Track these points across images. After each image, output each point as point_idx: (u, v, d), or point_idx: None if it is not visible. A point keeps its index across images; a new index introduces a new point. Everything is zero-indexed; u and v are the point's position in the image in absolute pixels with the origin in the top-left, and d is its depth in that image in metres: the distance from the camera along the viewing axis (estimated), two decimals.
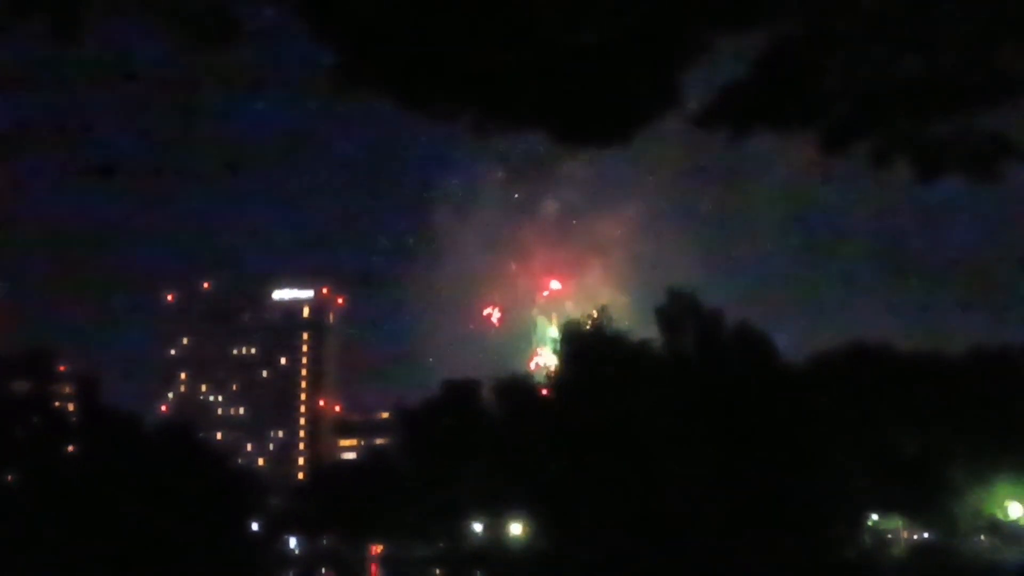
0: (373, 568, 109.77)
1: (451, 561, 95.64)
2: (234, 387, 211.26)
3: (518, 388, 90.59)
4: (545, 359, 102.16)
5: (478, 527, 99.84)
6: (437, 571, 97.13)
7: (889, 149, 10.87)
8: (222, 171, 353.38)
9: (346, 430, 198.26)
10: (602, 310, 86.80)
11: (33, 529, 75.23)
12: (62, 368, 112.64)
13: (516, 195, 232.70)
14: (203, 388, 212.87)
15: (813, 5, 10.25)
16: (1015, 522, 77.42)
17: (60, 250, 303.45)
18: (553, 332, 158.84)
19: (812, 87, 10.60)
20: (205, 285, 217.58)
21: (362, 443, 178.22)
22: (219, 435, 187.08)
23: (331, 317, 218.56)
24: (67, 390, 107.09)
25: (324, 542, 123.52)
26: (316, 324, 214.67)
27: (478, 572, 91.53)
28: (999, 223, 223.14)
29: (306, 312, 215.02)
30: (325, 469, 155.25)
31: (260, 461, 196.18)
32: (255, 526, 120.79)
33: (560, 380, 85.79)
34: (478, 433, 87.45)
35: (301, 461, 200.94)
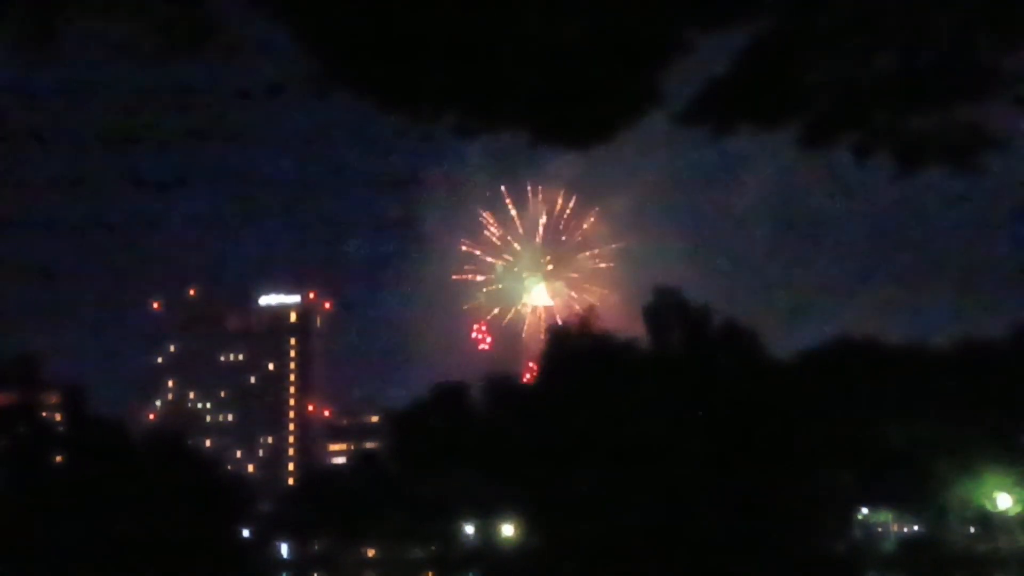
0: None
1: (444, 563, 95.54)
2: (222, 393, 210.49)
3: (507, 389, 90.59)
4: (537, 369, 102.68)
5: (470, 529, 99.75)
6: (430, 573, 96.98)
7: (871, 142, 10.94)
8: (210, 174, 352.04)
9: (336, 434, 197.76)
10: (590, 309, 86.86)
11: (21, 539, 74.75)
12: (48, 378, 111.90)
13: (503, 195, 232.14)
14: (191, 395, 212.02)
15: (793, 3, 10.29)
16: (1004, 513, 77.81)
17: (46, 257, 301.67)
18: (543, 331, 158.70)
19: (794, 83, 10.65)
20: (191, 291, 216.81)
21: (352, 447, 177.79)
22: (208, 442, 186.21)
23: (318, 322, 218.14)
24: (53, 399, 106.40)
25: (315, 547, 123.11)
26: (303, 329, 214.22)
27: (471, 574, 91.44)
28: (985, 214, 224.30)
29: (293, 317, 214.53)
30: (315, 474, 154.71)
31: (250, 467, 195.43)
32: (245, 532, 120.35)
33: (548, 380, 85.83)
34: (468, 435, 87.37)
35: (291, 466, 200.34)
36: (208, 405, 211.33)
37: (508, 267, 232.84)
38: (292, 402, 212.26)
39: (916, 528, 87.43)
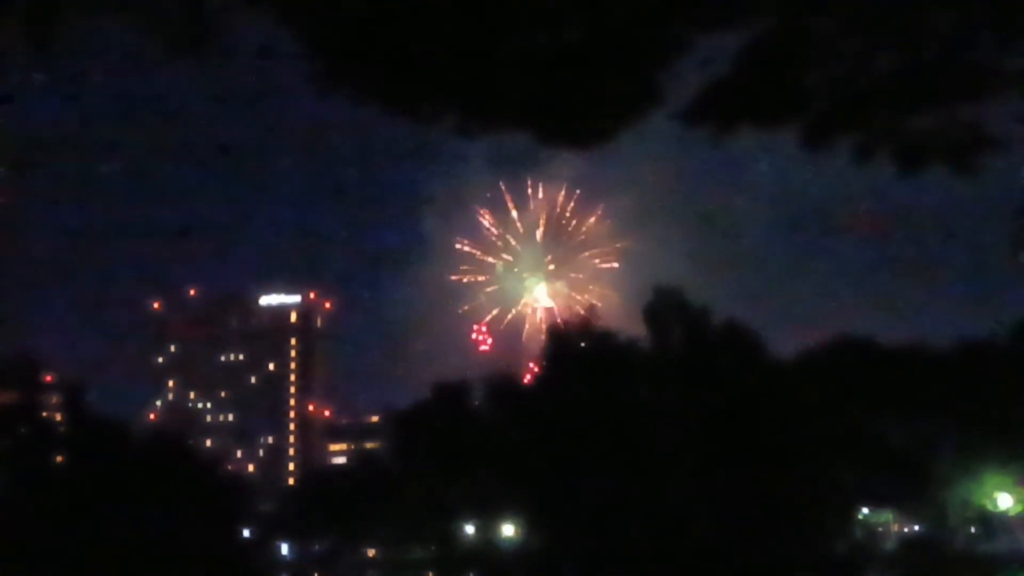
0: None
1: (444, 563, 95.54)
2: (223, 393, 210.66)
3: (508, 389, 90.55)
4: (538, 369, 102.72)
5: (470, 529, 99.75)
6: (430, 574, 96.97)
7: (871, 142, 10.95)
8: (208, 175, 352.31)
9: (336, 434, 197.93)
10: (590, 309, 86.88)
11: (21, 540, 74.76)
12: (49, 378, 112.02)
13: (503, 195, 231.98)
14: (191, 395, 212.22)
15: (793, 3, 10.31)
16: (1004, 513, 77.86)
17: (46, 257, 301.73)
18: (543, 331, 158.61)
19: (794, 83, 10.66)
20: (192, 291, 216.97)
21: (352, 447, 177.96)
22: (208, 442, 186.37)
23: (319, 321, 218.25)
24: (54, 399, 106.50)
25: (316, 547, 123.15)
26: (304, 329, 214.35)
27: (471, 574, 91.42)
28: (985, 214, 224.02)
29: (294, 317, 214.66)
30: (316, 474, 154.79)
31: (250, 467, 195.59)
32: (246, 532, 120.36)
33: (549, 380, 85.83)
34: (469, 435, 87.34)
35: (291, 466, 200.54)
36: (208, 405, 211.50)
37: (508, 267, 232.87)
38: (292, 402, 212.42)
39: (917, 528, 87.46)
